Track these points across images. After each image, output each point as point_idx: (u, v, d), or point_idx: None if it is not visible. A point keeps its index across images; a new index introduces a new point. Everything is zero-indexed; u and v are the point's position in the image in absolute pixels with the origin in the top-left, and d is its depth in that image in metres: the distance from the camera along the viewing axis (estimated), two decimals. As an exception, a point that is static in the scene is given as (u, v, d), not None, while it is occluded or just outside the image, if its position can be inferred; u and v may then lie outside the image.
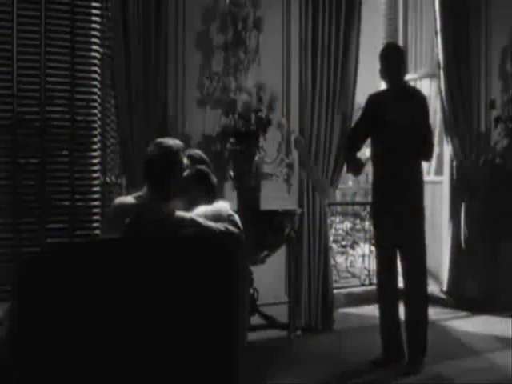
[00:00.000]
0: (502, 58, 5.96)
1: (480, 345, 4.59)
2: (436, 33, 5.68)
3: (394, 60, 4.04)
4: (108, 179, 4.28)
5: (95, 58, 4.22)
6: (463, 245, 5.64)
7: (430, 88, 6.14)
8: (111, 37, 4.13)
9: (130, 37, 4.11)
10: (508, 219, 5.61)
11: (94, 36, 4.23)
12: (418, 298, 4.06)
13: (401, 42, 6.24)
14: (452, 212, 5.79)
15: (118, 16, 4.08)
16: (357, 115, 4.47)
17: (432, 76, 6.05)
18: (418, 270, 4.05)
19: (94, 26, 4.24)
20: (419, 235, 4.07)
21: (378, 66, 4.13)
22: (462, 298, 5.46)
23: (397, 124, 3.98)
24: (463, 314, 5.40)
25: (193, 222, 2.38)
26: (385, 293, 4.12)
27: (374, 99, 4.17)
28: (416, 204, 4.06)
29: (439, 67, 5.63)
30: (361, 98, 4.72)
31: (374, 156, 4.17)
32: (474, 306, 5.48)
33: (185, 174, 2.69)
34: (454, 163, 5.72)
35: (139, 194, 2.64)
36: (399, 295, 4.12)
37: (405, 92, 4.10)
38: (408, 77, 6.15)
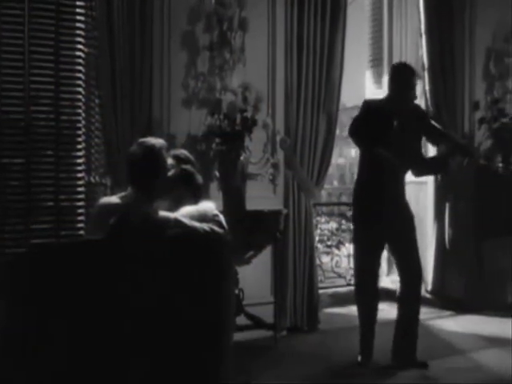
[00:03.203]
0: (486, 59, 6.01)
1: (464, 344, 4.62)
2: (420, 34, 5.72)
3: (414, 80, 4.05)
4: (93, 179, 4.26)
5: (80, 57, 4.19)
6: (448, 245, 5.68)
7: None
8: (96, 36, 4.11)
9: (115, 36, 4.10)
10: (492, 219, 5.65)
11: (79, 35, 4.20)
12: (413, 300, 4.05)
13: (385, 44, 6.27)
14: (436, 212, 5.82)
15: (102, 15, 4.06)
16: (342, 116, 4.46)
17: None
18: (412, 272, 4.04)
19: (78, 25, 4.21)
20: (413, 238, 4.08)
21: (363, 66, 4.15)
22: (446, 298, 5.49)
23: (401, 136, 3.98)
24: (448, 313, 5.44)
25: (177, 222, 2.37)
26: (365, 296, 4.11)
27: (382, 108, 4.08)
28: (406, 207, 4.09)
29: (424, 68, 5.67)
30: (346, 99, 4.74)
31: (370, 162, 4.08)
32: (459, 306, 5.51)
33: (170, 173, 2.69)
34: (439, 164, 5.76)
35: (124, 194, 2.63)
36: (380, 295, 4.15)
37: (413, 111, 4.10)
38: (393, 78, 6.21)
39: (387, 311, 5.41)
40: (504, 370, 4.04)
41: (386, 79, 6.20)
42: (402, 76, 4.05)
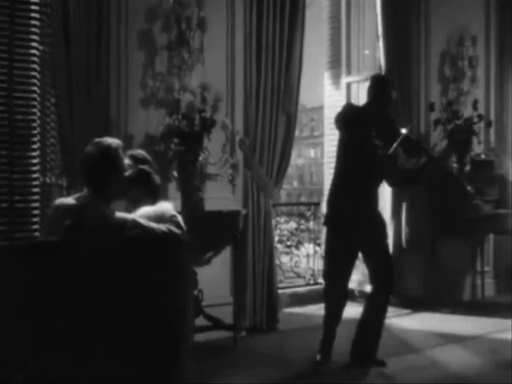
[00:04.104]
0: (441, 62, 6.14)
1: (421, 342, 4.70)
2: (377, 37, 5.80)
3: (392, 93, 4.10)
4: (48, 180, 4.17)
5: (35, 55, 4.11)
6: (404, 244, 5.77)
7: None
8: (51, 34, 4.03)
9: (71, 34, 4.03)
10: (447, 218, 5.77)
11: (34, 33, 4.11)
12: (383, 301, 4.08)
13: (343, 45, 6.33)
14: (393, 211, 5.91)
15: (58, 12, 3.99)
16: (302, 116, 4.47)
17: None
18: (386, 277, 4.06)
19: (33, 22, 4.12)
20: (386, 245, 4.13)
21: (321, 68, 4.18)
22: (403, 296, 5.57)
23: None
24: (405, 311, 5.52)
25: (135, 223, 2.35)
26: (335, 298, 4.11)
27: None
28: (380, 215, 4.15)
29: (380, 70, 5.75)
30: (305, 100, 4.77)
31: (346, 170, 4.08)
32: (416, 304, 5.60)
33: (127, 174, 2.66)
34: (396, 164, 5.84)
35: (79, 194, 2.59)
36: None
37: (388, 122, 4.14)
38: (350, 79, 6.31)
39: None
40: (459, 366, 4.13)
41: (344, 80, 6.32)
42: (380, 89, 4.09)
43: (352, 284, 5.95)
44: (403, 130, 4.02)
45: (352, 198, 4.01)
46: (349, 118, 4.03)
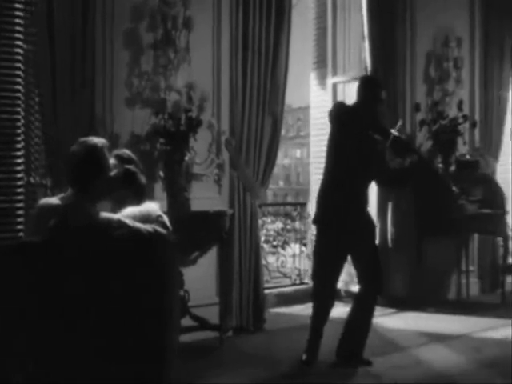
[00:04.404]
0: (426, 63, 6.18)
1: (406, 341, 4.72)
2: (363, 37, 5.82)
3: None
4: (32, 180, 4.14)
5: (19, 53, 4.07)
6: (390, 244, 5.79)
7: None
8: (35, 33, 4.00)
9: (56, 33, 4.00)
10: (432, 218, 5.80)
11: (18, 31, 4.06)
12: (371, 302, 4.10)
13: (329, 46, 6.35)
14: (379, 212, 5.93)
15: (42, 11, 3.95)
16: (288, 116, 4.48)
17: (356, 80, 6.18)
18: (375, 278, 4.08)
19: (17, 21, 4.08)
20: (375, 247, 4.16)
21: (307, 68, 4.19)
22: (389, 296, 5.59)
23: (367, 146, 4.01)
24: (390, 311, 5.54)
25: (120, 223, 2.33)
26: (324, 299, 4.11)
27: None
28: (369, 216, 4.18)
29: (366, 71, 5.77)
30: (291, 100, 4.78)
31: (336, 169, 4.09)
32: (401, 303, 5.63)
33: (112, 173, 2.64)
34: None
35: (64, 195, 2.57)
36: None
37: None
38: (336, 80, 6.32)
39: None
40: (443, 365, 4.16)
41: (329, 81, 6.33)
42: (369, 90, 4.11)
43: (338, 284, 5.97)
44: (393, 131, 4.04)
45: (342, 197, 4.01)
46: (343, 115, 4.04)
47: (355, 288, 4.27)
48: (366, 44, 5.78)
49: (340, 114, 4.08)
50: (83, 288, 2.21)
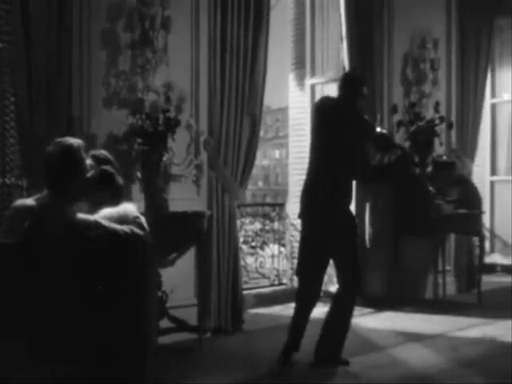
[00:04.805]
0: (403, 64, 6.23)
1: (384, 340, 4.75)
2: (341, 38, 5.85)
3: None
4: (7, 181, 4.09)
5: (-7, 53, 4.02)
6: (368, 244, 5.83)
7: (335, 92, 6.29)
8: (10, 31, 3.95)
9: (32, 32, 3.94)
10: (409, 218, 5.85)
11: (-8, 30, 4.03)
12: (350, 302, 4.10)
13: (308, 47, 6.37)
14: (357, 212, 5.96)
15: (17, 9, 3.90)
16: (267, 117, 4.49)
17: (337, 80, 6.20)
18: (354, 278, 4.07)
19: (-9, 19, 4.04)
20: (356, 246, 4.14)
21: (286, 69, 4.19)
22: (367, 296, 5.62)
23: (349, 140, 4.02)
24: (368, 310, 5.57)
25: (97, 224, 2.32)
26: (307, 299, 4.09)
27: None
28: (352, 216, 4.19)
29: (344, 72, 5.79)
30: (270, 101, 4.79)
31: (320, 164, 4.06)
32: (379, 303, 5.67)
33: (89, 174, 2.62)
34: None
35: (39, 195, 2.54)
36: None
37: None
38: (315, 81, 6.35)
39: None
40: (420, 364, 4.19)
41: (308, 82, 6.36)
42: (351, 86, 4.12)
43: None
44: (378, 128, 4.07)
45: (326, 191, 4.00)
46: (328, 108, 4.06)
47: (334, 288, 4.27)
48: (344, 45, 5.81)
49: (325, 107, 4.10)
50: (58, 289, 2.19)
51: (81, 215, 2.39)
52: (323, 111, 4.09)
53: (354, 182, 4.25)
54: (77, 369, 2.24)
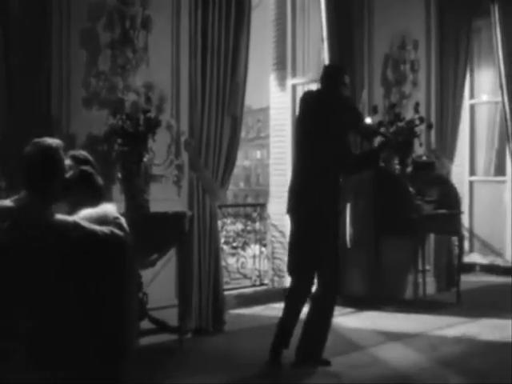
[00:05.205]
0: (384, 65, 6.26)
1: (365, 340, 4.77)
2: (322, 39, 5.87)
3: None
4: (-15, 181, 4.04)
5: (-29, 52, 3.97)
6: (349, 244, 5.85)
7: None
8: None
9: (11, 31, 3.91)
10: (390, 218, 5.89)
11: (-30, 29, 3.98)
12: (330, 301, 4.11)
13: (289, 47, 6.38)
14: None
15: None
16: (248, 118, 4.50)
17: (318, 81, 6.22)
18: (333, 276, 4.08)
19: (-31, 18, 3.99)
20: (335, 244, 4.14)
21: (267, 69, 4.20)
22: (347, 295, 5.65)
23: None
24: (349, 310, 5.60)
25: (76, 225, 2.29)
26: (296, 298, 4.07)
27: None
28: (338, 213, 4.20)
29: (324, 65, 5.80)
30: (251, 101, 4.80)
31: (308, 159, 4.06)
32: (360, 303, 5.70)
33: (68, 175, 2.59)
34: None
35: (17, 196, 2.51)
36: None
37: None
38: (296, 81, 6.36)
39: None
40: (401, 363, 4.22)
41: (289, 82, 6.37)
42: (333, 77, 4.17)
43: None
44: (368, 119, 4.13)
45: (312, 185, 4.00)
46: (310, 100, 4.10)
47: (313, 288, 4.27)
48: (325, 46, 5.83)
49: (308, 101, 4.13)
50: (36, 290, 2.17)
51: (59, 216, 2.36)
52: (306, 105, 4.12)
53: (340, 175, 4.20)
54: (55, 369, 2.22)
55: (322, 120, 3.99)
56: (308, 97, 4.19)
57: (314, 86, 6.34)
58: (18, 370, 2.18)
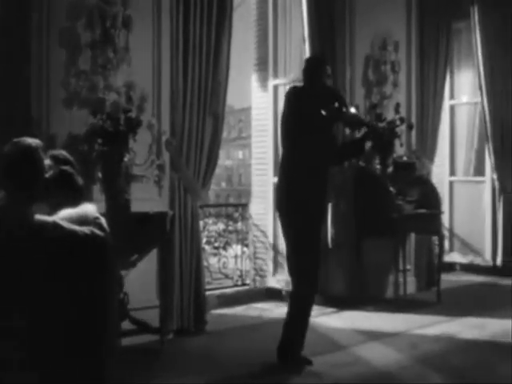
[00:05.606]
0: (365, 66, 6.30)
1: (346, 339, 4.79)
2: (304, 40, 5.88)
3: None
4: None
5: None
6: (330, 244, 5.87)
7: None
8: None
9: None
10: (371, 218, 5.92)
11: None
12: (307, 301, 4.10)
13: (271, 47, 6.39)
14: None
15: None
16: (230, 118, 4.51)
17: (300, 81, 6.23)
18: (307, 274, 4.08)
19: None
20: (317, 242, 4.15)
21: (249, 69, 4.21)
22: (329, 295, 5.67)
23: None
24: (330, 310, 5.62)
25: (55, 225, 2.27)
26: (311, 297, 4.07)
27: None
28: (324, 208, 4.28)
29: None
30: (233, 101, 4.80)
31: (291, 152, 4.08)
32: (341, 303, 5.72)
33: (48, 175, 2.57)
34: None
35: (-4, 197, 2.49)
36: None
37: None
38: (277, 82, 6.37)
39: (270, 311, 5.53)
40: (382, 362, 4.25)
41: (271, 83, 6.37)
42: (314, 68, 4.20)
43: (279, 284, 6.02)
44: (352, 109, 4.16)
45: (299, 183, 4.01)
46: (292, 96, 4.13)
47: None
48: (307, 46, 5.84)
49: (291, 96, 4.15)
50: (15, 290, 2.15)
51: (39, 216, 2.34)
52: (290, 101, 4.14)
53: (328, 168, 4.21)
54: (36, 368, 2.20)
55: (306, 114, 4.01)
56: (292, 92, 4.21)
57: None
58: (6, 369, 2.17)
